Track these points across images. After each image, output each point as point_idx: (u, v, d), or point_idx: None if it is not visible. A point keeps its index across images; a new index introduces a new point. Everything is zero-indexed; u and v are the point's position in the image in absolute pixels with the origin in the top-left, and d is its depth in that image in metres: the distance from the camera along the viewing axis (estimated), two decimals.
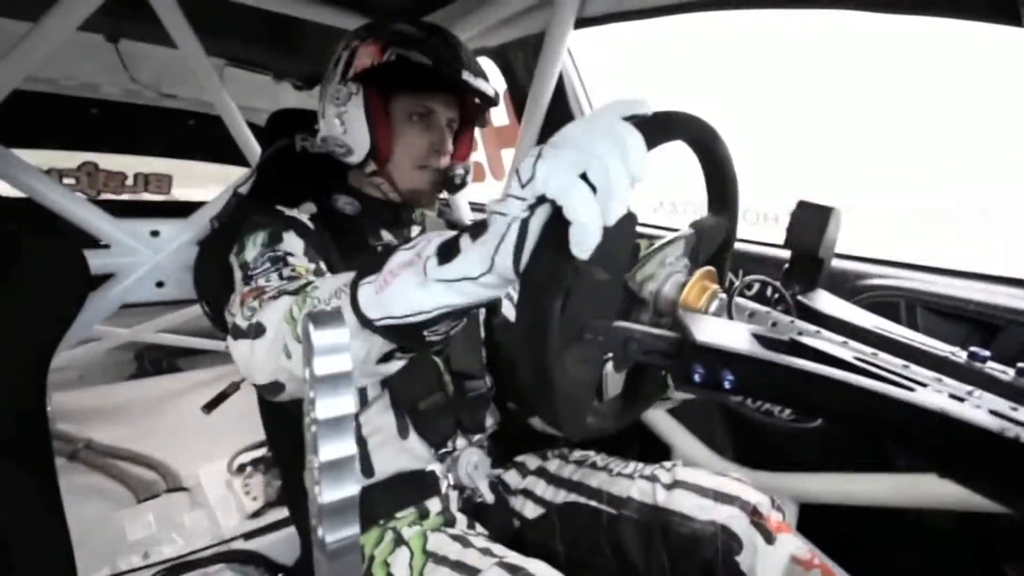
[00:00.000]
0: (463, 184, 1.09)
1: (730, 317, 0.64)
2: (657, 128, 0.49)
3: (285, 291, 0.73)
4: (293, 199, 1.07)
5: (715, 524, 0.88)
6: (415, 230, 1.14)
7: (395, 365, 0.70)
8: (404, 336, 0.60)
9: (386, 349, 0.64)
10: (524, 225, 0.47)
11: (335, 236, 1.02)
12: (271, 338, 0.69)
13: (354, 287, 0.60)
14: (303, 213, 1.03)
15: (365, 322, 0.59)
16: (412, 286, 0.55)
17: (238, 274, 0.90)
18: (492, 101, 1.09)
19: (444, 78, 1.01)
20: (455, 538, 0.90)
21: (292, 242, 0.94)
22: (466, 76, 1.01)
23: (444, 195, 1.16)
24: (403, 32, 1.02)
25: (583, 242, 0.43)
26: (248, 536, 1.45)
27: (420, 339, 0.61)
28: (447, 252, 0.53)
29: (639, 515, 0.95)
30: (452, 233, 0.55)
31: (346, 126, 1.01)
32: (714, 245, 0.72)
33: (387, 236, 1.10)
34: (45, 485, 1.05)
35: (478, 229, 0.51)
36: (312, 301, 0.66)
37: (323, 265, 0.94)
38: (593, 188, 0.43)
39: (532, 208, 0.46)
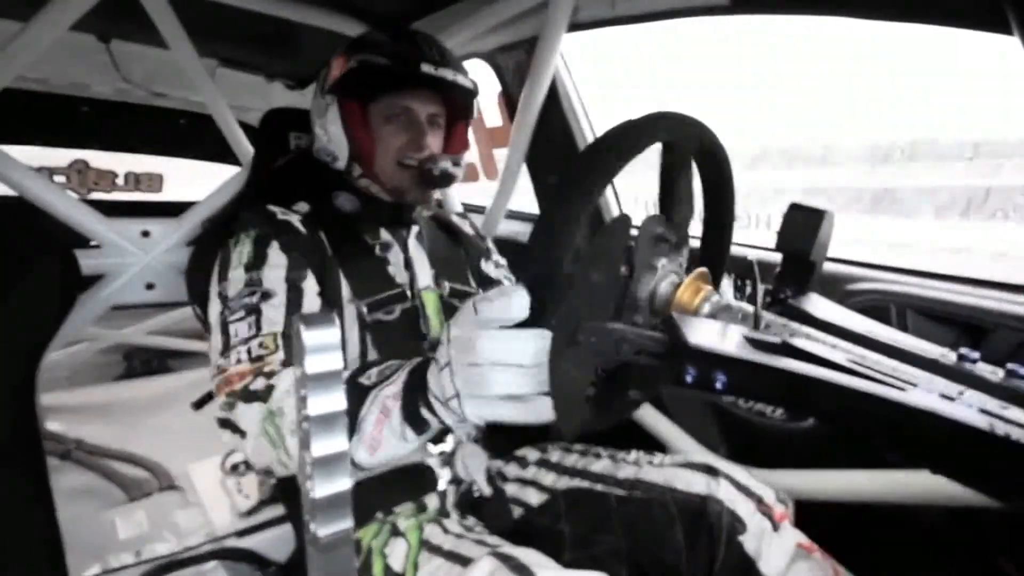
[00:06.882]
0: (445, 178, 1.07)
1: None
2: (646, 131, 0.51)
3: (255, 395, 0.80)
4: (287, 199, 1.08)
5: (721, 504, 0.90)
6: (414, 230, 1.14)
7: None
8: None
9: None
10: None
11: (331, 235, 1.03)
12: (252, 443, 0.79)
13: None
14: (295, 213, 1.04)
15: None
16: (399, 442, 0.68)
17: (216, 306, 0.93)
18: (470, 91, 1.10)
19: (405, 75, 1.04)
20: (450, 529, 0.92)
21: (275, 261, 0.95)
22: (426, 69, 1.02)
23: (437, 195, 1.16)
24: (367, 39, 1.09)
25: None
26: (241, 534, 1.44)
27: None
28: (415, 420, 0.65)
29: (647, 494, 0.95)
30: (403, 385, 0.67)
31: (328, 135, 1.07)
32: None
33: (385, 235, 1.10)
34: (36, 485, 1.04)
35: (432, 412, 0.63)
36: (284, 428, 0.75)
37: (308, 283, 0.96)
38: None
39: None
